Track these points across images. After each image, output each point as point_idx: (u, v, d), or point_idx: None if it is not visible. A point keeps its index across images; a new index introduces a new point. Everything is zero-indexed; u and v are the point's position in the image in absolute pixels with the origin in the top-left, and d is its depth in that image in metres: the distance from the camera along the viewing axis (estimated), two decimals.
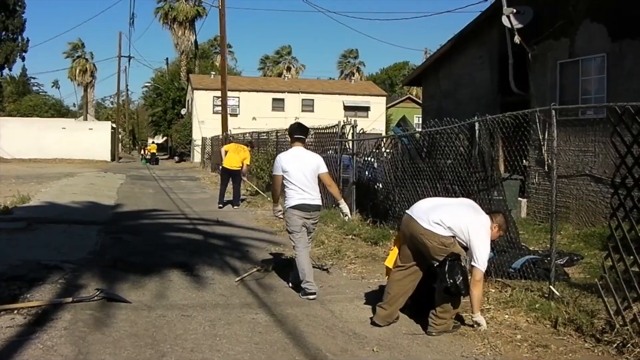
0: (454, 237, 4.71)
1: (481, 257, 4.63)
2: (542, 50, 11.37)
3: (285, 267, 6.92)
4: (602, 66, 10.13)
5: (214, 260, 7.55)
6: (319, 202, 6.20)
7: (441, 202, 5.20)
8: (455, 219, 4.71)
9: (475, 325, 4.84)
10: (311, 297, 5.84)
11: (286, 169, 6.08)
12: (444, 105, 15.44)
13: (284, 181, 6.16)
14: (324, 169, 6.27)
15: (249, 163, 14.34)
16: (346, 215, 6.62)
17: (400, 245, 5.09)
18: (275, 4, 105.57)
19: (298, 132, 6.37)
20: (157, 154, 44.40)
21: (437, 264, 4.73)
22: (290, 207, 6.08)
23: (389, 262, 5.25)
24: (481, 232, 4.70)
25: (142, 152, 51.84)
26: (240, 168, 13.89)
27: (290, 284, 6.36)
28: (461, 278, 4.61)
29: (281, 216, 6.43)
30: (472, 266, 4.67)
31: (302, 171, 6.07)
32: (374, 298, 5.71)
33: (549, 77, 11.22)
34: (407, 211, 5.07)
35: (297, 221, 6.07)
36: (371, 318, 5.10)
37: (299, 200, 6.06)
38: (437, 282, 4.77)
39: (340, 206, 6.48)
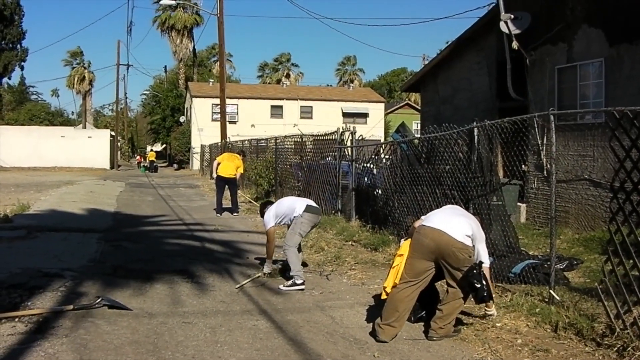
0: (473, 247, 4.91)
1: (487, 255, 5.01)
2: (540, 55, 11.41)
3: (286, 273, 6.94)
4: (600, 71, 10.14)
5: (214, 267, 7.56)
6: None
7: (452, 212, 5.19)
8: (474, 230, 4.91)
9: (486, 317, 5.10)
10: (302, 287, 6.46)
11: (280, 212, 6.89)
12: (443, 111, 15.49)
13: (285, 219, 6.89)
14: None
15: (242, 171, 14.44)
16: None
17: (411, 260, 4.87)
18: (273, 11, 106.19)
19: (266, 203, 7.48)
20: (156, 161, 44.35)
21: (462, 275, 4.76)
22: (305, 211, 6.75)
23: (389, 282, 4.96)
24: (483, 235, 5.03)
25: (138, 159, 51.28)
26: (235, 176, 13.93)
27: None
28: (487, 284, 4.76)
29: (274, 273, 7.04)
30: (484, 266, 4.87)
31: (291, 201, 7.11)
32: (375, 304, 5.73)
33: (547, 82, 11.25)
34: (428, 224, 4.89)
35: (309, 227, 6.85)
36: (375, 336, 4.83)
37: (307, 202, 6.94)
38: (459, 290, 4.79)
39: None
